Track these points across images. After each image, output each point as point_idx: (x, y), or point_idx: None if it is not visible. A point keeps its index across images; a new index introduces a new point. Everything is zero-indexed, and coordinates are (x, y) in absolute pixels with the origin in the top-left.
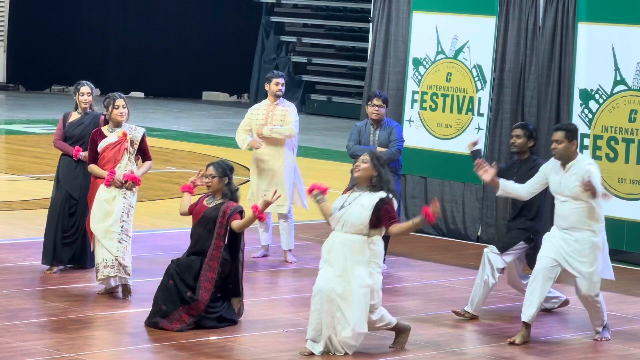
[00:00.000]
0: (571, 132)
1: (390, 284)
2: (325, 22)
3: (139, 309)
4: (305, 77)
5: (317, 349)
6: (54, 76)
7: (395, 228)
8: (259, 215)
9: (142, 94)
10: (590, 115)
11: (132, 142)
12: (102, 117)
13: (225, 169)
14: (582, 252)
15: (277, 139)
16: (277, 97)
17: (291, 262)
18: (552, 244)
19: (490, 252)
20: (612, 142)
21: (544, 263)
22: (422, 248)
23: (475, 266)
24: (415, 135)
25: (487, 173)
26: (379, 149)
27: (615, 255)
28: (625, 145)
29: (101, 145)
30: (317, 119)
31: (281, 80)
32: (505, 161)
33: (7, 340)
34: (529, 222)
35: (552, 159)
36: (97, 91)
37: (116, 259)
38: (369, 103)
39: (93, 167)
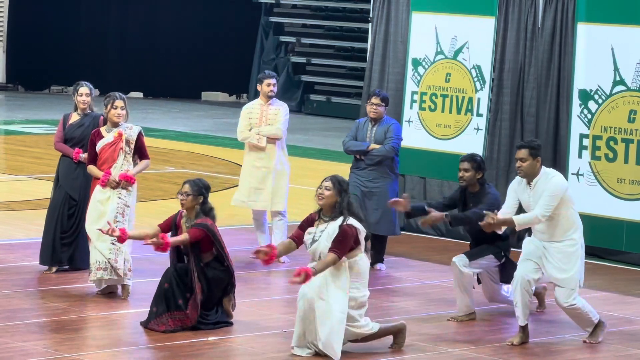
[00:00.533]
0: (534, 149)
1: (389, 284)
2: (324, 22)
3: (138, 309)
4: (305, 78)
5: (304, 352)
6: (53, 76)
7: (329, 257)
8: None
9: (140, 94)
10: (589, 116)
11: (127, 142)
12: (102, 117)
13: (201, 188)
14: (562, 259)
15: (267, 138)
16: (269, 97)
17: (284, 262)
18: (533, 246)
19: (459, 262)
20: (612, 143)
21: (524, 267)
22: (421, 248)
23: None
24: (415, 135)
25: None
26: (373, 145)
27: (614, 255)
28: (624, 145)
29: (99, 145)
30: (316, 119)
31: (272, 81)
32: (504, 161)
33: (6, 341)
34: (500, 242)
35: (517, 178)
36: (96, 92)
37: (108, 262)
38: (368, 101)
39: (91, 168)
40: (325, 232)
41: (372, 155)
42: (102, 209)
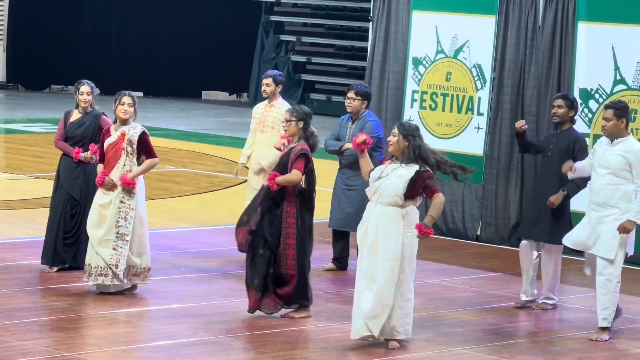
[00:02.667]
0: (619, 110)
1: None
2: (324, 21)
3: (138, 307)
4: (305, 77)
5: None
6: (54, 75)
7: (437, 198)
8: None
9: (141, 94)
10: (590, 115)
11: (130, 142)
12: (103, 116)
13: (301, 114)
14: (606, 232)
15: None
16: (265, 98)
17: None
18: (587, 229)
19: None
20: None
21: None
22: (421, 247)
23: (475, 266)
24: None
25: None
26: (346, 145)
27: None
28: None
29: (105, 144)
30: (316, 118)
31: (265, 80)
32: (504, 160)
33: (6, 340)
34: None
35: (603, 138)
36: (97, 90)
37: (109, 267)
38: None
39: (99, 167)
40: (397, 172)
41: (346, 155)
42: (103, 213)
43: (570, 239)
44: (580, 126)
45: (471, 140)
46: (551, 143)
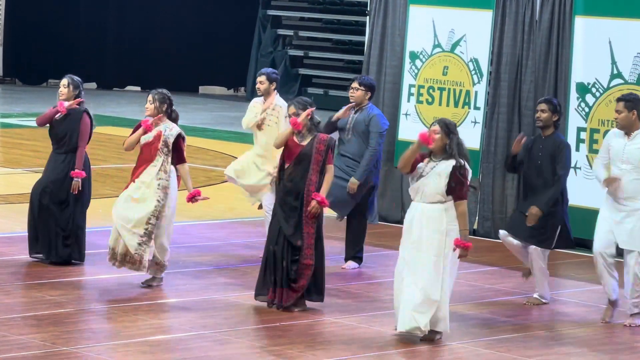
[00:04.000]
0: (630, 102)
1: (378, 277)
2: (322, 15)
3: (135, 302)
4: (302, 71)
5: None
6: (51, 70)
7: (460, 207)
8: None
9: (138, 88)
10: (587, 109)
11: (165, 143)
12: (85, 113)
13: (305, 104)
14: (632, 223)
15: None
16: (260, 95)
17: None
18: (604, 221)
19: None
20: None
21: (600, 243)
22: None
23: (471, 259)
24: (412, 128)
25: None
26: (337, 115)
27: None
28: None
29: (141, 142)
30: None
31: (259, 78)
32: (501, 154)
33: (3, 334)
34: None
35: (613, 130)
36: (93, 85)
37: (134, 256)
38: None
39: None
40: (435, 171)
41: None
42: (134, 207)
43: (600, 246)
44: (577, 120)
45: (468, 135)
46: (539, 150)
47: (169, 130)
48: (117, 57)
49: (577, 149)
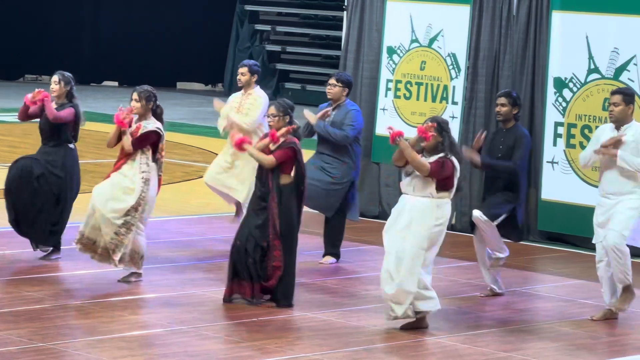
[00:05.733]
0: (628, 96)
1: (364, 272)
2: (299, 10)
3: (112, 297)
4: (280, 66)
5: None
6: (27, 65)
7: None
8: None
9: (116, 83)
10: (564, 104)
11: None
12: (71, 108)
13: (286, 108)
14: (619, 210)
15: (244, 128)
16: (240, 87)
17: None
18: (595, 227)
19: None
20: (586, 131)
21: (600, 254)
22: None
23: (449, 254)
24: (390, 123)
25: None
26: (308, 114)
27: (590, 243)
28: None
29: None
30: None
31: (240, 69)
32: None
33: None
34: (512, 194)
35: (604, 125)
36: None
37: (106, 247)
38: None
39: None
40: None
41: (320, 131)
42: (117, 194)
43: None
44: (554, 115)
45: None
46: (500, 143)
47: (149, 124)
48: (94, 52)
49: (555, 144)
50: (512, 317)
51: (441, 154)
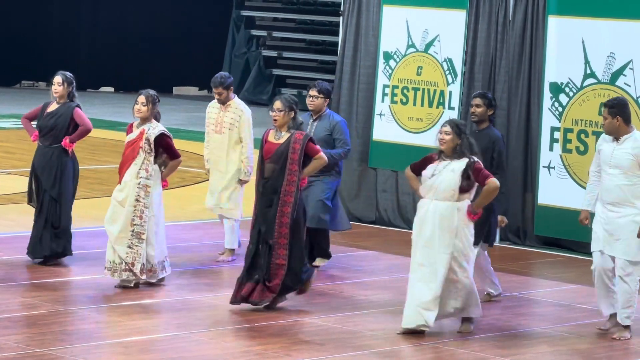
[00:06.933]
0: (612, 108)
1: (361, 278)
2: (295, 15)
3: (109, 303)
4: (276, 71)
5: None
6: (24, 71)
7: (492, 183)
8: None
9: (112, 89)
10: (560, 109)
11: (147, 141)
12: (77, 108)
13: (291, 103)
14: (622, 231)
15: (225, 141)
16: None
17: (222, 262)
18: (595, 234)
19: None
20: (582, 135)
21: (598, 259)
22: (393, 242)
23: None
24: (386, 129)
25: None
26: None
27: (586, 248)
28: (595, 138)
29: (126, 140)
30: None
31: (215, 90)
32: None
33: None
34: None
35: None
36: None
37: (126, 264)
38: (307, 93)
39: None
40: (449, 168)
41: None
42: (118, 210)
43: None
44: (550, 120)
45: None
46: None
47: (152, 129)
48: (90, 57)
49: (551, 149)
50: (508, 322)
51: (465, 159)
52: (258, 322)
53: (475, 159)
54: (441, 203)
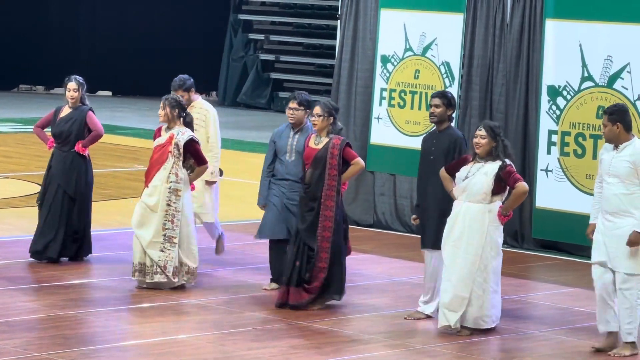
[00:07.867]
0: (612, 115)
1: (358, 281)
2: (293, 19)
3: (107, 307)
4: (274, 75)
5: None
6: (22, 75)
7: (521, 187)
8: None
9: (109, 93)
10: (558, 112)
11: (177, 146)
12: (90, 112)
13: (331, 109)
14: (621, 243)
15: (203, 135)
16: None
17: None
18: (596, 243)
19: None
20: (580, 139)
21: (596, 276)
22: (391, 245)
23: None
24: (384, 132)
25: None
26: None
27: (584, 251)
28: (592, 141)
29: (154, 144)
30: (284, 117)
31: (174, 92)
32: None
33: None
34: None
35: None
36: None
37: (159, 266)
38: (287, 106)
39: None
40: (482, 170)
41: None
42: (149, 215)
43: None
44: (548, 123)
45: None
46: (432, 145)
47: (181, 134)
48: (88, 61)
49: (549, 152)
50: (506, 325)
51: (499, 161)
52: (257, 325)
53: (508, 161)
54: (473, 205)
